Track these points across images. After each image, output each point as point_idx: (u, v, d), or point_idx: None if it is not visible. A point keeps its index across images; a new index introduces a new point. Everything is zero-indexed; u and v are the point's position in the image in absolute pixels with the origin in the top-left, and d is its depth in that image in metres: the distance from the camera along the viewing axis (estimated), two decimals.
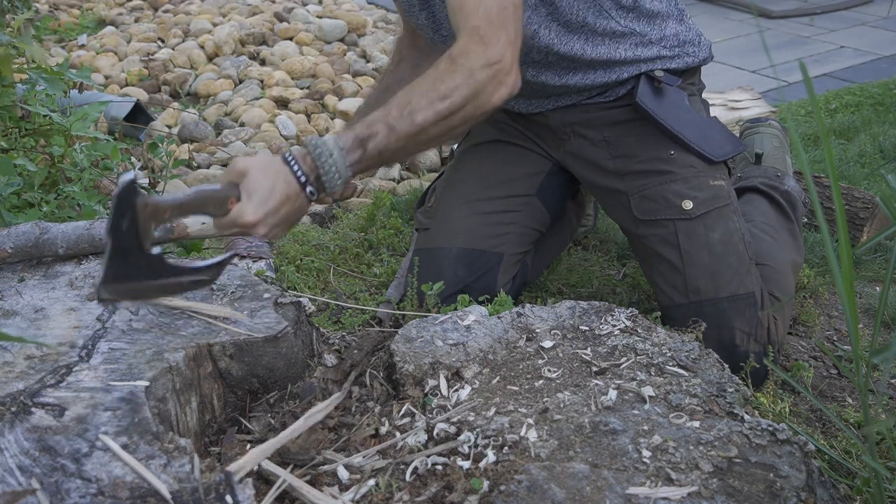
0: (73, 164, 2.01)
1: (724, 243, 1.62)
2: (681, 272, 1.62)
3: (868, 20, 4.78)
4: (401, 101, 1.35)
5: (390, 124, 1.33)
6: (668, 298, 1.65)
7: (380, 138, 1.33)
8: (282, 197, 1.27)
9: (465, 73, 1.35)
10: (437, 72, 1.36)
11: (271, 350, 1.26)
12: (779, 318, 1.66)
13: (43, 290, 1.37)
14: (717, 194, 1.66)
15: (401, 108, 1.34)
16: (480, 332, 1.28)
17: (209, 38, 4.08)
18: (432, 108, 1.34)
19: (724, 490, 0.95)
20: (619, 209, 1.77)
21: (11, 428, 1.03)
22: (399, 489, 1.01)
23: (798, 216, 1.95)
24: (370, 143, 1.33)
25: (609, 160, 1.76)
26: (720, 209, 1.65)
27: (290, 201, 1.29)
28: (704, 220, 1.64)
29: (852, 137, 2.98)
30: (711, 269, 1.60)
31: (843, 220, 0.90)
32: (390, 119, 1.33)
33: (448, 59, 1.37)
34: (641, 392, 1.11)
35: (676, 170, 1.68)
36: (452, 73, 1.35)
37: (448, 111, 1.35)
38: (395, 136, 1.33)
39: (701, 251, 1.62)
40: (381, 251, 2.19)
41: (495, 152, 1.89)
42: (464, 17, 1.38)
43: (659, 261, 1.67)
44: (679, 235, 1.64)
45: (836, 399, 1.66)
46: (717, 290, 1.59)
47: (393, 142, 1.34)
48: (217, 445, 1.22)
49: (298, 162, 1.30)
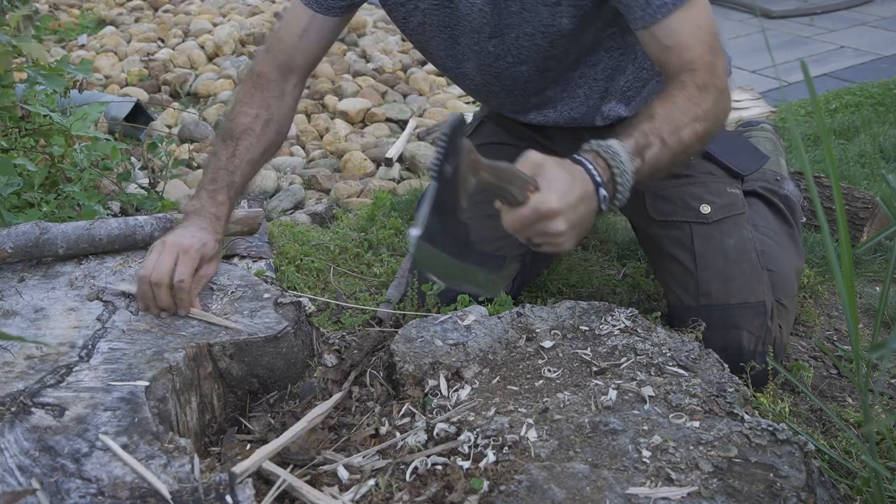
0: (73, 164, 2.01)
1: (738, 250, 1.62)
2: (693, 275, 1.62)
3: (868, 20, 4.78)
4: (665, 116, 1.30)
5: (663, 138, 1.28)
6: (677, 300, 1.65)
7: (655, 150, 1.27)
8: (581, 193, 1.18)
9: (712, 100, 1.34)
10: (688, 95, 1.33)
11: (271, 350, 1.26)
12: (783, 326, 1.67)
13: (43, 290, 1.37)
14: (734, 202, 1.67)
15: (668, 122, 1.29)
16: (480, 332, 1.28)
17: (209, 38, 4.08)
18: (692, 127, 1.31)
19: (724, 490, 0.95)
20: (633, 208, 1.77)
21: (11, 428, 1.03)
22: (399, 489, 1.01)
23: (797, 221, 1.95)
24: (647, 154, 1.27)
25: None
26: (736, 217, 1.66)
27: (586, 201, 1.19)
28: (721, 226, 1.64)
29: (852, 137, 2.98)
30: (725, 275, 1.60)
31: (844, 220, 0.90)
32: (663, 133, 1.28)
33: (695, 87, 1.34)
34: (641, 392, 1.11)
35: (695, 174, 1.69)
36: (704, 98, 1.33)
37: (703, 133, 1.33)
38: (665, 151, 1.28)
39: (716, 256, 1.62)
40: (381, 251, 2.19)
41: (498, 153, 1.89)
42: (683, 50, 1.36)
43: (671, 262, 1.67)
44: (694, 239, 1.64)
45: (836, 399, 1.66)
46: (728, 296, 1.59)
47: (663, 157, 1.29)
48: (217, 445, 1.22)
49: (592, 163, 1.22)
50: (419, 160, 2.84)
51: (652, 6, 1.35)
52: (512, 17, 1.48)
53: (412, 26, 1.60)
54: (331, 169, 2.90)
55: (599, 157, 1.22)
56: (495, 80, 1.62)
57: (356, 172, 2.82)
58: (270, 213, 2.52)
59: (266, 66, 1.63)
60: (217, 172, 1.51)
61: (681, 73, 1.36)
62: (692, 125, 1.31)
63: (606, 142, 1.24)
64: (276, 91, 1.62)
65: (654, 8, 1.35)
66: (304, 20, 1.61)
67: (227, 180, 1.50)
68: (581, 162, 1.21)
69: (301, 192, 2.67)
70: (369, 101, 3.37)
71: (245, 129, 1.56)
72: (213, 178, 1.50)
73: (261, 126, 1.57)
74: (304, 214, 2.49)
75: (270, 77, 1.62)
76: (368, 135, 3.15)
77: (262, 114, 1.59)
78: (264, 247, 2.01)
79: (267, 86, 1.61)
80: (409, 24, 1.60)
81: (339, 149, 3.00)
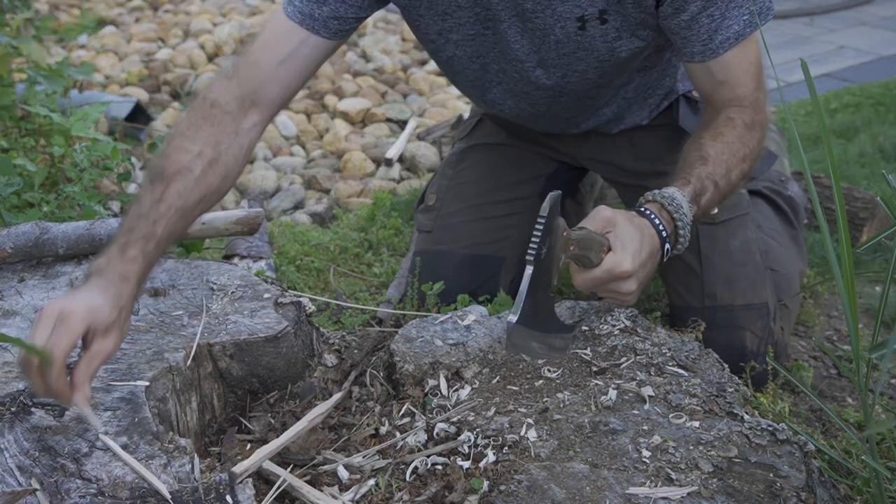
0: (73, 164, 2.01)
1: (743, 251, 1.62)
2: (698, 276, 1.62)
3: (868, 20, 4.78)
4: (717, 160, 1.32)
5: (716, 182, 1.31)
6: (682, 300, 1.65)
7: (709, 195, 1.30)
8: (650, 250, 1.21)
9: (758, 138, 1.37)
10: (738, 134, 1.35)
11: (271, 350, 1.26)
12: (784, 327, 1.67)
13: (43, 290, 1.37)
14: (740, 202, 1.67)
15: (720, 165, 1.32)
16: (480, 332, 1.28)
17: (209, 38, 4.08)
18: (740, 168, 1.34)
19: (724, 490, 0.95)
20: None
21: (11, 428, 1.03)
22: (399, 489, 1.01)
23: (800, 222, 1.95)
24: (703, 200, 1.30)
25: (632, 161, 1.75)
26: (741, 217, 1.65)
27: (653, 257, 1.23)
28: (727, 227, 1.63)
29: (852, 137, 2.98)
30: (729, 276, 1.60)
31: (844, 220, 0.90)
32: (716, 177, 1.31)
33: (743, 126, 1.36)
34: (641, 392, 1.11)
35: None
36: (748, 138, 1.35)
37: (747, 173, 1.36)
38: (717, 194, 1.32)
39: (721, 257, 1.62)
40: (381, 251, 2.19)
41: (498, 154, 1.88)
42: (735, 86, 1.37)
43: (676, 262, 1.67)
44: (700, 239, 1.62)
45: (836, 399, 1.66)
46: (732, 297, 1.59)
47: (714, 199, 1.32)
48: (217, 445, 1.22)
49: (658, 216, 1.24)
50: (419, 160, 2.83)
51: (714, 42, 1.33)
52: (563, 57, 1.45)
53: (443, 59, 1.56)
54: (331, 169, 2.89)
55: (664, 210, 1.24)
56: (529, 107, 1.60)
57: (356, 172, 2.82)
58: (270, 213, 2.53)
59: (225, 93, 1.33)
60: (135, 221, 1.17)
61: (728, 107, 1.37)
62: (740, 165, 1.34)
63: (669, 192, 1.26)
64: (229, 126, 1.32)
65: (717, 44, 1.33)
66: (291, 43, 1.36)
67: (145, 231, 1.16)
68: (647, 215, 1.23)
69: (301, 192, 2.67)
70: (369, 101, 3.37)
71: (181, 168, 1.24)
72: (129, 229, 1.16)
73: (202, 167, 1.25)
74: (304, 214, 2.49)
75: (227, 108, 1.32)
76: (368, 135, 3.15)
77: (207, 152, 1.27)
78: (264, 247, 2.01)
79: (221, 119, 1.31)
80: (440, 57, 1.56)
81: (339, 149, 3.00)
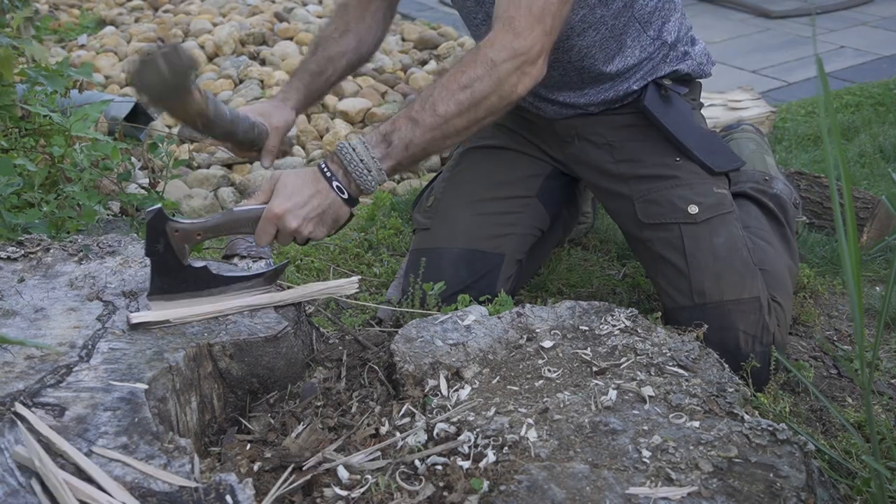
0: (73, 164, 2.01)
1: (728, 248, 1.63)
2: (686, 275, 1.63)
3: (868, 20, 4.78)
4: (423, 94, 1.38)
5: (412, 117, 1.37)
6: (672, 301, 1.65)
7: (404, 132, 1.36)
8: (310, 191, 1.33)
9: (488, 64, 1.37)
10: (460, 63, 1.38)
11: (271, 350, 1.26)
12: (780, 324, 1.67)
13: (43, 290, 1.37)
14: (721, 202, 1.68)
15: (423, 100, 1.37)
16: (480, 332, 1.28)
17: (209, 38, 4.08)
18: (454, 98, 1.36)
19: (724, 490, 0.95)
20: (622, 213, 1.78)
21: (11, 428, 1.03)
22: (399, 489, 1.01)
23: (789, 219, 1.95)
24: (394, 137, 1.36)
25: (613, 164, 1.77)
26: (724, 216, 1.67)
27: (320, 195, 1.34)
28: (709, 226, 1.65)
29: (852, 137, 2.98)
30: (716, 273, 1.61)
31: (853, 220, 0.90)
32: (413, 113, 1.37)
33: (473, 50, 1.39)
34: (641, 392, 1.11)
35: (682, 175, 1.70)
36: (475, 63, 1.37)
37: (470, 102, 1.37)
38: (419, 128, 1.36)
39: (706, 255, 1.62)
40: (381, 251, 2.19)
41: (496, 155, 1.90)
42: (505, 5, 1.39)
43: (664, 264, 1.68)
44: (684, 239, 1.64)
45: (837, 399, 1.66)
46: (721, 293, 1.60)
47: (419, 135, 1.37)
48: (217, 445, 1.22)
49: (326, 162, 1.38)
50: None
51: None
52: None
53: None
54: None
55: (335, 154, 1.38)
56: None
57: None
58: None
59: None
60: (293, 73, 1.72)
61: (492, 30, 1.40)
62: (454, 96, 1.37)
63: (347, 141, 1.38)
64: (356, 13, 1.76)
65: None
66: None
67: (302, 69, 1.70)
68: (319, 165, 1.37)
69: None
70: (369, 101, 3.37)
71: (325, 38, 1.75)
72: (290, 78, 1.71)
73: (339, 34, 1.74)
74: None
75: (351, 3, 1.77)
76: None
77: (341, 26, 1.75)
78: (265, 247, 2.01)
79: (346, 10, 1.77)
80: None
81: None
